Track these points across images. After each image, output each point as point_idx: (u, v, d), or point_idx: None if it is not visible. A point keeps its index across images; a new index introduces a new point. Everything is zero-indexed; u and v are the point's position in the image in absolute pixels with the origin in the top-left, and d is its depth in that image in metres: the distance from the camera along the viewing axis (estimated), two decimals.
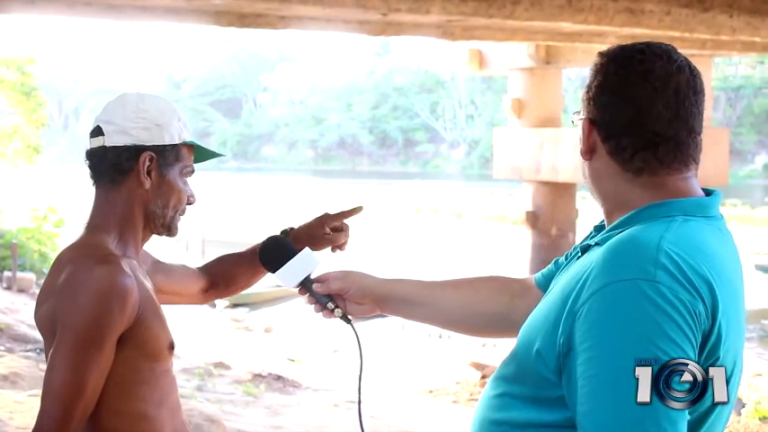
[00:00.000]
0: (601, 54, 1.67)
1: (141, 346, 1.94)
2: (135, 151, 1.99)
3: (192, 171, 2.10)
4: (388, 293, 2.01)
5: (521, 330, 1.66)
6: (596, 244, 1.60)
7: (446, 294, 2.01)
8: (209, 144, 76.48)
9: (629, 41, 1.69)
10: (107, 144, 1.99)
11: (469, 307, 2.00)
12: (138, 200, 2.01)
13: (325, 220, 2.35)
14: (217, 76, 77.90)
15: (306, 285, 2.00)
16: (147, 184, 2.00)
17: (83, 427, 1.88)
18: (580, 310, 1.46)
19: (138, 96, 2.05)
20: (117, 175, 2.00)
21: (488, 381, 1.71)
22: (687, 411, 1.42)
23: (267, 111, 76.64)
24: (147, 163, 1.99)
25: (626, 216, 1.59)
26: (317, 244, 2.33)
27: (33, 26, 77.44)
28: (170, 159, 2.02)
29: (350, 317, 2.00)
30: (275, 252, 2.04)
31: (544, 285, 1.91)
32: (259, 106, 77.74)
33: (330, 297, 1.99)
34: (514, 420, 1.59)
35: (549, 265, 1.95)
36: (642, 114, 1.58)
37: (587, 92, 1.65)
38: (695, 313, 1.42)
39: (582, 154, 1.65)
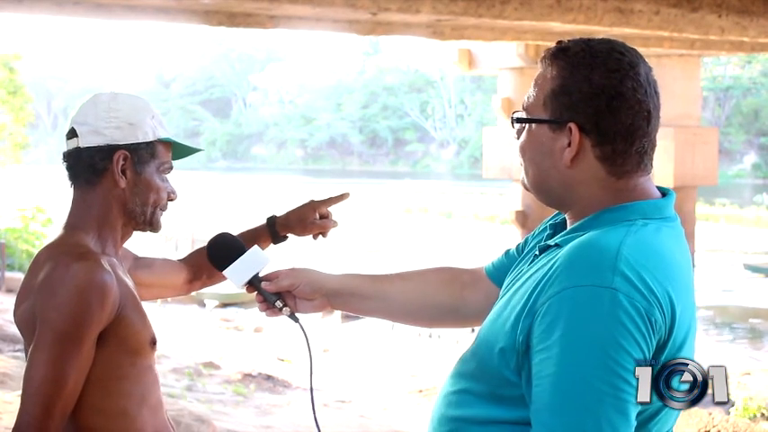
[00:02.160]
0: (570, 52, 1.60)
1: (122, 343, 1.94)
2: (108, 151, 1.99)
3: (170, 167, 2.08)
4: (338, 288, 1.98)
5: (482, 328, 1.66)
6: (556, 245, 1.60)
7: (395, 287, 1.99)
8: (199, 143, 76.56)
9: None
10: (81, 145, 2.00)
11: (418, 299, 1.99)
12: (116, 199, 2.01)
13: (315, 206, 2.36)
14: (206, 75, 77.82)
15: (254, 284, 1.95)
16: (123, 183, 2.00)
17: (63, 425, 1.88)
18: (539, 310, 1.48)
19: (110, 96, 2.04)
20: (92, 176, 2.00)
21: (447, 378, 1.71)
22: (632, 412, 1.43)
23: (257, 110, 76.58)
24: (121, 162, 1.99)
25: (586, 219, 1.59)
26: (305, 229, 2.35)
27: (22, 25, 77.23)
28: (145, 157, 2.01)
29: (298, 315, 1.97)
30: (224, 249, 1.99)
31: (495, 276, 1.92)
32: (249, 106, 77.67)
33: (279, 295, 1.95)
34: (473, 417, 1.60)
35: (500, 256, 1.95)
36: (639, 118, 1.57)
37: (565, 95, 1.58)
38: (651, 321, 1.43)
39: (566, 161, 1.59)
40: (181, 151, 2.14)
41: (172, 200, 2.09)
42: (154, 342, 2.02)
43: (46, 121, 75.32)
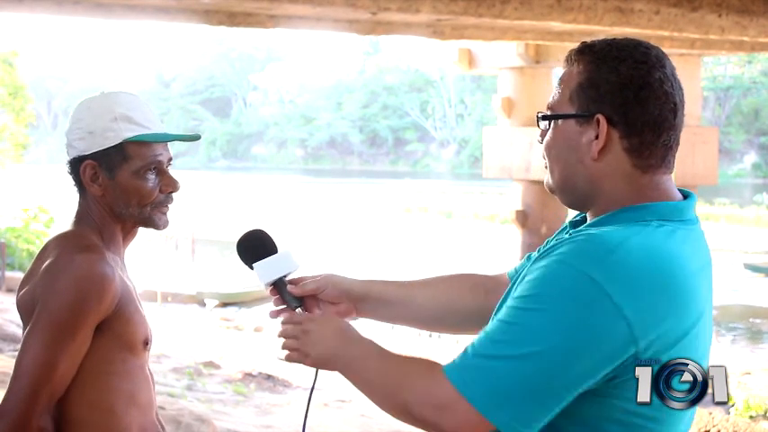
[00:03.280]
0: (596, 48, 1.62)
1: (117, 338, 1.96)
2: (78, 162, 2.03)
3: (155, 163, 2.03)
4: (365, 294, 1.96)
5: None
6: (569, 235, 1.61)
7: (421, 293, 1.99)
8: (199, 143, 75.98)
9: None
10: (67, 158, 2.07)
11: (445, 305, 1.99)
12: (103, 204, 2.04)
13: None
14: (206, 75, 77.81)
15: (279, 285, 1.90)
16: (96, 190, 2.03)
17: (50, 413, 1.89)
18: (529, 271, 1.53)
19: (81, 105, 2.07)
20: (79, 185, 2.06)
21: None
22: (561, 394, 1.46)
23: (257, 110, 76.59)
24: (89, 172, 2.02)
25: (604, 216, 1.60)
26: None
27: (22, 25, 77.24)
28: (116, 162, 2.01)
29: None
30: (257, 245, 1.91)
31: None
32: (249, 105, 77.68)
33: (301, 302, 1.90)
34: None
35: (522, 260, 1.94)
36: (666, 109, 1.57)
37: (593, 87, 1.59)
38: (618, 319, 1.43)
39: (594, 154, 1.59)
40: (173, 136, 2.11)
41: (172, 191, 2.06)
42: (146, 342, 2.04)
43: (46, 121, 75.34)
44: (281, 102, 75.11)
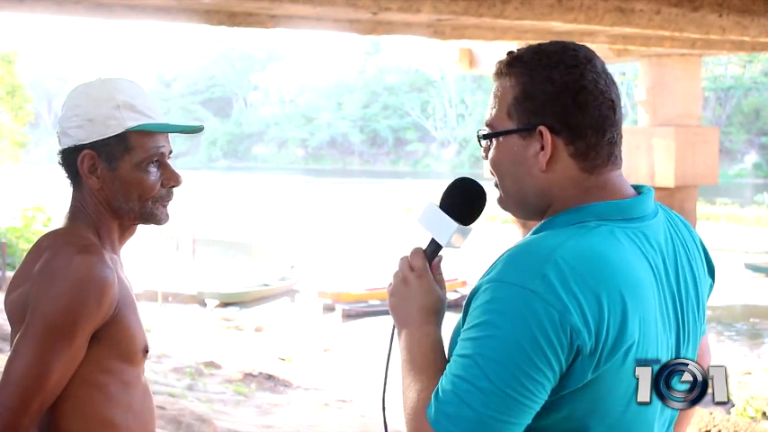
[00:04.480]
0: (525, 58, 1.59)
1: (115, 346, 1.84)
2: (75, 152, 1.91)
3: (157, 155, 1.91)
4: None
5: None
6: None
7: None
8: (200, 143, 76.14)
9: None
10: (60, 147, 1.94)
11: None
12: (100, 197, 1.91)
13: None
14: (207, 74, 77.88)
15: (435, 248, 1.78)
16: (94, 182, 1.89)
17: (38, 425, 1.78)
18: (477, 291, 1.50)
19: (77, 90, 1.94)
20: (74, 177, 1.93)
21: None
22: (519, 412, 1.44)
23: (257, 110, 76.64)
24: (88, 162, 1.89)
25: (545, 221, 1.60)
26: None
27: (23, 25, 77.32)
28: (117, 152, 1.88)
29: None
30: (476, 201, 1.79)
31: None
32: (249, 105, 77.73)
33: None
34: None
35: None
36: (605, 107, 1.56)
37: (529, 100, 1.56)
38: (565, 329, 1.42)
39: (542, 165, 1.57)
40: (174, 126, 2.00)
41: (173, 186, 1.95)
42: (146, 350, 1.92)
43: (46, 121, 75.39)
44: (282, 101, 75.16)
